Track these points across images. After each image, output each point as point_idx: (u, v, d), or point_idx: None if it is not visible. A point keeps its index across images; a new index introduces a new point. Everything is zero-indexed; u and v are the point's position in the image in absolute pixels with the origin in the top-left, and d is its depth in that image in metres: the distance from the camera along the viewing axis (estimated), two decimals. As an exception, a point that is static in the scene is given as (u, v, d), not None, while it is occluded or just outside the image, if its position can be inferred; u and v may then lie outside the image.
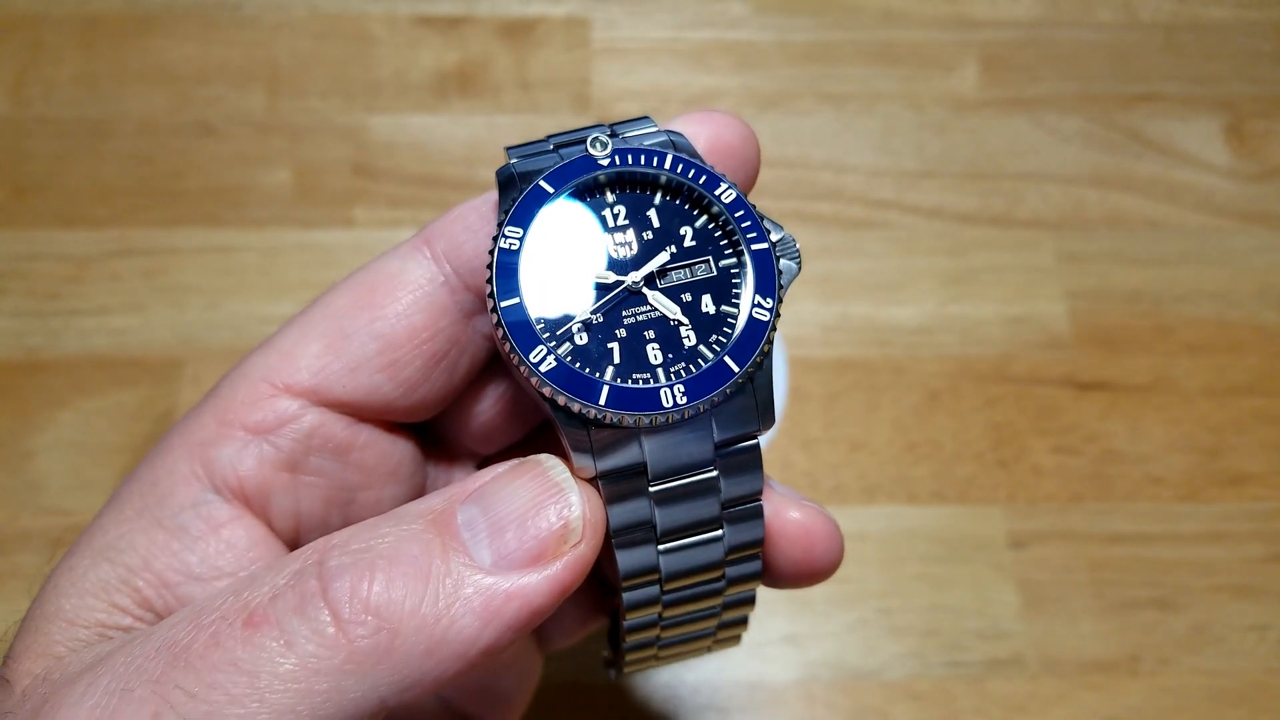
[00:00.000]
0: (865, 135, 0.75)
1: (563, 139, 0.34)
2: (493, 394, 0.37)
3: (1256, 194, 0.73)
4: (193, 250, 0.69)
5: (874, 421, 0.66)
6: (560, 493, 0.30)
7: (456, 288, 0.34)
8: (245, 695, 0.26)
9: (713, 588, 0.34)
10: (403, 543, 0.28)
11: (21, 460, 0.63)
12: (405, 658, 0.27)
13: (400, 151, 0.72)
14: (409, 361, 0.33)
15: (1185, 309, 0.69)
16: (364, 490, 0.35)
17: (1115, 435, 0.66)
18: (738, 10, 0.79)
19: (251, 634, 0.27)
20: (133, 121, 0.73)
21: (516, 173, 0.33)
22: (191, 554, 0.32)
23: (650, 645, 0.37)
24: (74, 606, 0.31)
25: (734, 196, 0.34)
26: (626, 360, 0.31)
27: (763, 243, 0.33)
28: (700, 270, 0.33)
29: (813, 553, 0.34)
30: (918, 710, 0.59)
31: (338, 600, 0.27)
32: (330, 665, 0.26)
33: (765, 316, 0.32)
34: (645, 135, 0.34)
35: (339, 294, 0.34)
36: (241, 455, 0.33)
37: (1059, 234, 0.72)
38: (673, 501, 0.32)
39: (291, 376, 0.33)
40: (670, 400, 0.30)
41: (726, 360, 0.31)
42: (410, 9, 0.77)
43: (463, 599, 0.28)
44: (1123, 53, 0.78)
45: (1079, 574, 0.62)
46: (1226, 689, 0.60)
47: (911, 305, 0.69)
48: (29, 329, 0.66)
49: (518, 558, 0.28)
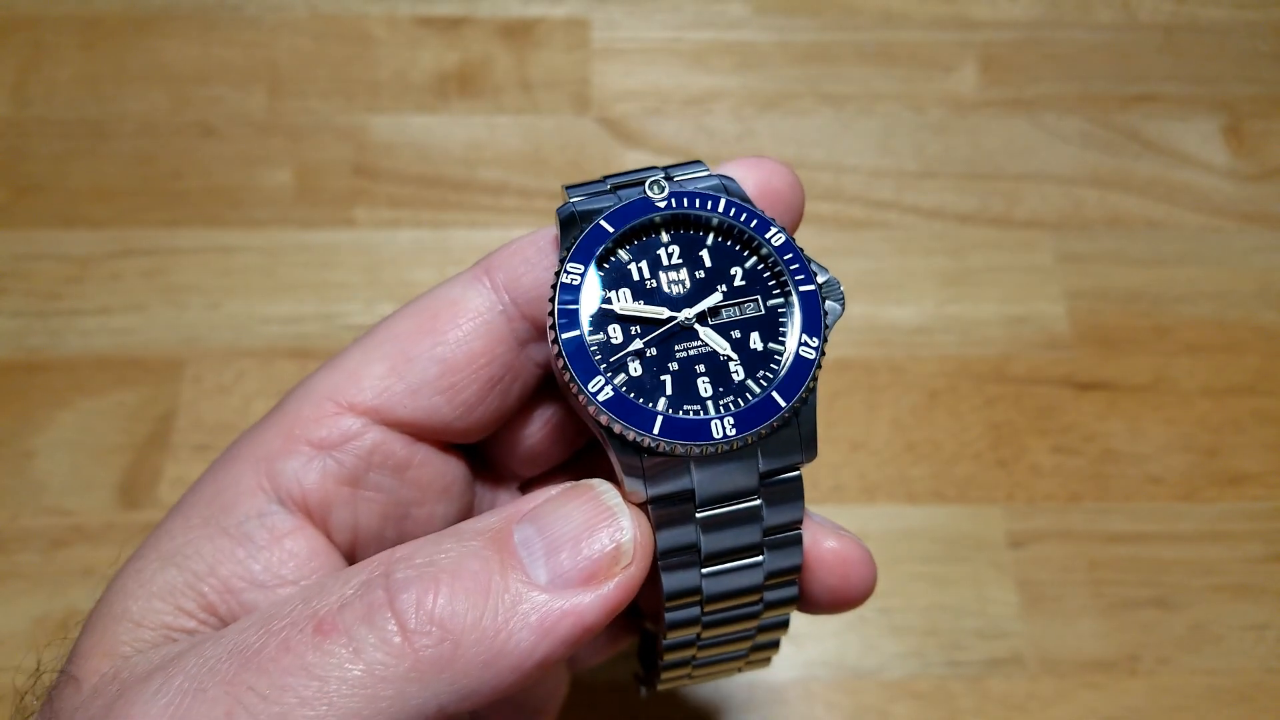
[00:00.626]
0: (865, 136, 0.75)
1: (620, 180, 0.36)
2: (539, 419, 0.39)
3: (1255, 194, 0.74)
4: (193, 250, 0.69)
5: (873, 421, 0.66)
6: (613, 516, 0.31)
7: (514, 316, 0.35)
8: (314, 699, 0.27)
9: (750, 611, 0.36)
10: (464, 559, 0.30)
11: (22, 460, 0.63)
12: (466, 668, 0.28)
13: (401, 152, 0.73)
14: (467, 385, 0.35)
15: (1184, 309, 0.70)
16: (418, 506, 0.37)
17: (1114, 435, 0.66)
18: (738, 11, 0.79)
19: (321, 641, 0.28)
20: (133, 122, 0.73)
21: (577, 212, 0.35)
22: (256, 562, 0.33)
23: (686, 664, 0.39)
24: (141, 609, 0.32)
25: (783, 240, 0.35)
26: (678, 392, 0.33)
27: (810, 284, 0.35)
28: (749, 309, 0.35)
29: (848, 581, 0.36)
30: (917, 709, 0.59)
31: (404, 611, 0.28)
32: (395, 673, 0.28)
33: (811, 355, 0.34)
34: (698, 179, 0.36)
35: (402, 318, 0.36)
36: (306, 469, 0.34)
37: (1058, 234, 0.72)
38: (718, 527, 0.33)
39: (355, 396, 0.35)
40: (721, 432, 0.32)
41: (774, 395, 0.33)
42: (410, 9, 0.77)
43: (520, 614, 0.29)
44: (1122, 53, 0.78)
45: (1078, 573, 0.62)
46: (1225, 688, 0.60)
47: (911, 305, 0.69)
48: (30, 329, 0.66)
49: (572, 577, 0.30)
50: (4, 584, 0.60)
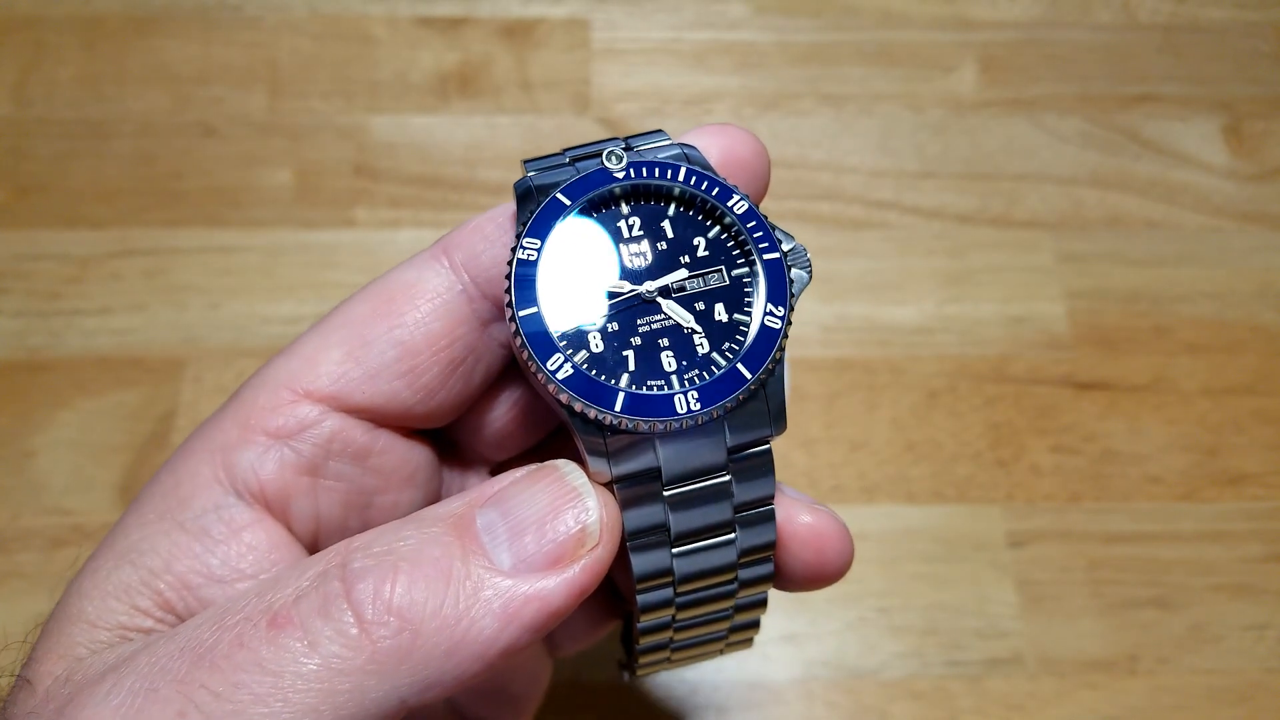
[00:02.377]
0: (865, 136, 0.75)
1: (578, 152, 0.35)
2: (506, 401, 0.38)
3: (1255, 194, 0.74)
4: (194, 250, 0.69)
5: (873, 421, 0.66)
6: (577, 497, 0.30)
7: (474, 296, 0.34)
8: (269, 695, 0.26)
9: (725, 590, 0.35)
10: (424, 545, 0.29)
11: (23, 460, 0.63)
12: (426, 658, 0.27)
13: (401, 152, 0.73)
14: (427, 368, 0.34)
15: (1184, 309, 0.70)
16: (382, 494, 0.36)
17: (1114, 435, 0.66)
18: (737, 11, 0.79)
19: (276, 634, 0.27)
20: (134, 122, 0.73)
21: (534, 186, 0.34)
22: (213, 556, 0.32)
23: (664, 648, 0.38)
24: (96, 609, 0.31)
25: (746, 207, 0.34)
26: (641, 367, 0.32)
27: (774, 252, 0.34)
28: (713, 279, 0.34)
29: (824, 556, 0.35)
30: (917, 709, 0.59)
31: (361, 601, 0.28)
32: (353, 665, 0.27)
33: (777, 325, 0.33)
34: (659, 148, 0.35)
35: (358, 302, 0.35)
36: (263, 460, 0.33)
37: (1058, 234, 0.72)
38: (686, 505, 0.32)
39: (312, 383, 0.34)
40: (684, 407, 0.31)
41: (739, 367, 0.32)
42: (411, 10, 0.77)
43: (483, 601, 0.28)
44: (1121, 53, 0.78)
45: (1078, 573, 0.62)
46: (1225, 688, 0.60)
47: (911, 305, 0.69)
48: (30, 329, 0.66)
49: (536, 561, 0.29)
50: (4, 584, 0.60)
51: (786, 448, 0.65)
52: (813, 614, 0.61)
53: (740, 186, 0.35)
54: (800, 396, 0.66)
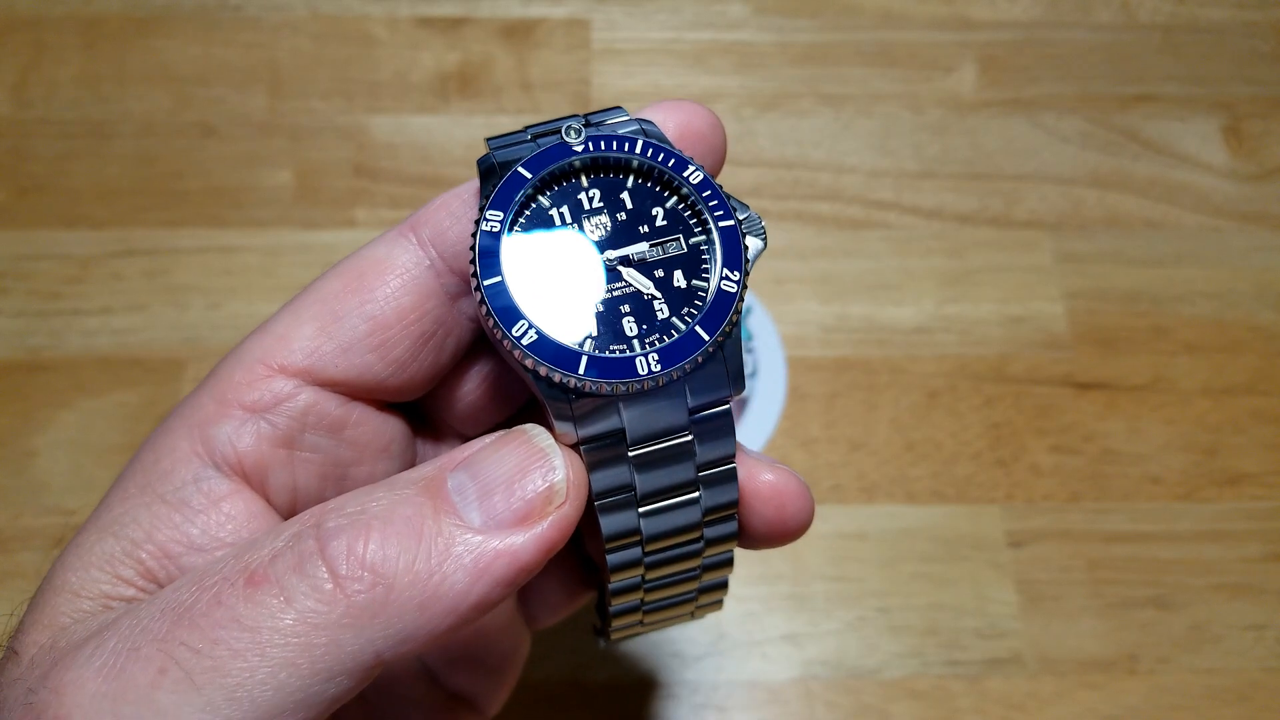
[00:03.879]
0: (864, 136, 0.75)
1: (539, 129, 0.36)
2: (476, 376, 0.39)
3: (1254, 194, 0.74)
4: (194, 250, 0.69)
5: (873, 421, 0.66)
6: (545, 457, 0.31)
7: (442, 271, 0.35)
8: (247, 650, 0.27)
9: (692, 549, 0.36)
10: (396, 505, 0.30)
11: (23, 460, 0.63)
12: (400, 612, 0.28)
13: (401, 152, 0.73)
14: (398, 341, 0.35)
15: (1183, 309, 0.70)
16: (357, 466, 0.37)
17: (1113, 435, 0.66)
18: (737, 11, 0.79)
19: (253, 592, 0.28)
20: (134, 122, 0.73)
21: (496, 162, 0.35)
22: (193, 526, 0.33)
23: (635, 610, 0.39)
24: (79, 579, 0.32)
25: (701, 178, 0.35)
26: (604, 333, 0.33)
27: (729, 220, 0.35)
28: (671, 247, 0.35)
29: (785, 512, 0.36)
30: (916, 709, 0.59)
31: (335, 558, 0.28)
32: (328, 619, 0.28)
33: (733, 288, 0.34)
34: (618, 124, 0.36)
35: (329, 279, 0.35)
36: (239, 432, 0.34)
37: (1057, 234, 0.72)
38: (651, 466, 0.33)
39: (286, 358, 0.34)
40: (645, 369, 0.32)
41: (698, 330, 0.33)
42: (411, 10, 0.78)
43: (454, 556, 0.29)
44: (1121, 53, 0.78)
45: (1077, 573, 0.62)
46: (1224, 688, 0.60)
47: (910, 305, 0.69)
48: (31, 329, 0.66)
49: (506, 518, 0.30)
50: (5, 583, 0.60)
51: (786, 448, 0.65)
52: (813, 614, 0.61)
53: (697, 159, 0.36)
54: (800, 396, 0.66)
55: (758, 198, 0.72)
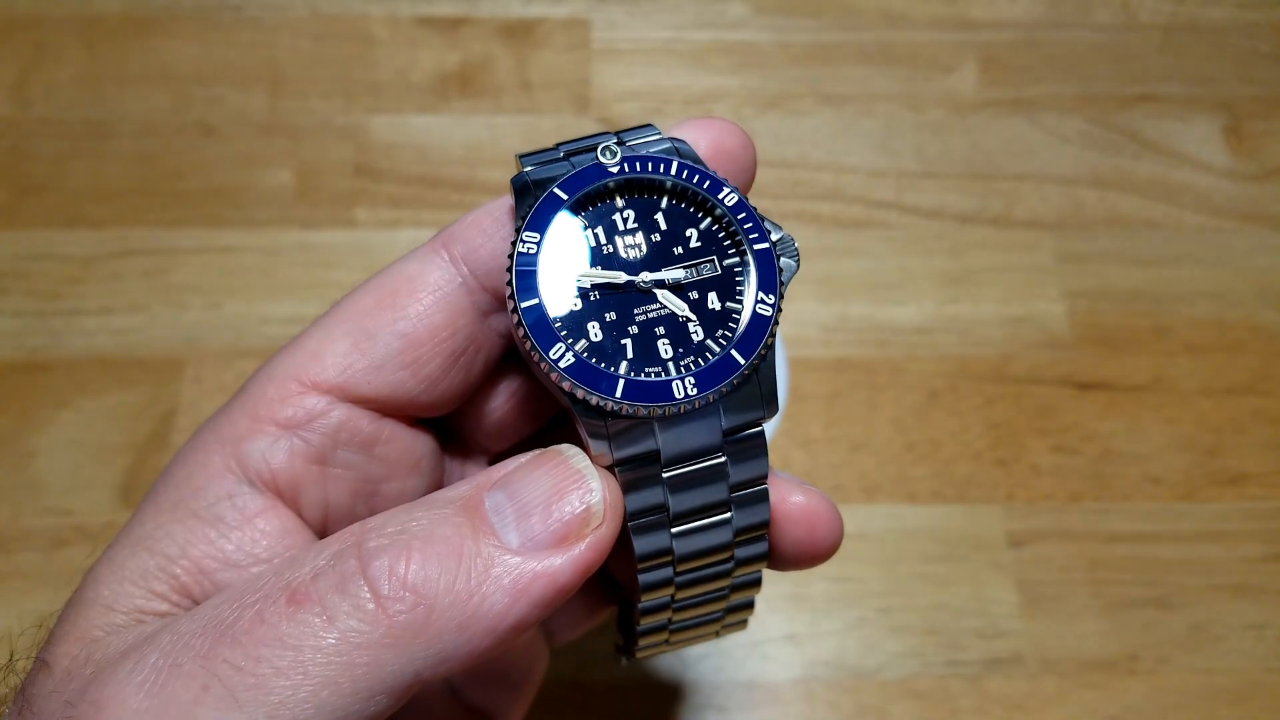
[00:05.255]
0: (865, 136, 0.75)
1: (572, 147, 0.36)
2: (504, 392, 0.39)
3: (1255, 194, 0.74)
4: (194, 250, 0.69)
5: (874, 421, 0.66)
6: (582, 479, 0.31)
7: (474, 289, 0.35)
8: (290, 668, 0.27)
9: (722, 569, 0.36)
10: (435, 526, 0.30)
11: (23, 460, 0.63)
12: (440, 632, 0.28)
13: (401, 152, 0.73)
14: (430, 359, 0.35)
15: (1184, 309, 0.70)
16: (387, 482, 0.37)
17: (1114, 435, 0.66)
18: (738, 11, 0.79)
19: (295, 610, 0.28)
20: (134, 122, 0.73)
21: (531, 180, 0.35)
22: (228, 542, 0.33)
23: (663, 629, 0.39)
24: (113, 593, 0.32)
25: (736, 199, 0.35)
26: (639, 355, 0.33)
27: (764, 242, 0.35)
28: (706, 269, 0.35)
29: (815, 534, 0.36)
30: (917, 709, 0.59)
31: (377, 578, 0.28)
32: (370, 639, 0.28)
33: (768, 312, 0.34)
34: (650, 142, 0.36)
35: (362, 296, 0.35)
36: (273, 449, 0.34)
37: (1058, 234, 0.72)
38: (685, 487, 0.34)
39: (319, 375, 0.35)
40: (682, 392, 0.32)
41: (733, 353, 0.33)
42: (411, 10, 0.77)
43: (493, 578, 0.29)
44: (1121, 53, 0.78)
45: (1078, 573, 0.62)
46: (1225, 688, 0.60)
47: (911, 305, 0.69)
48: (31, 329, 0.66)
49: (544, 540, 0.30)
50: (4, 584, 0.60)
51: (787, 447, 0.65)
52: (813, 614, 0.61)
53: (728, 178, 0.36)
54: (800, 396, 0.66)
55: (758, 198, 0.72)
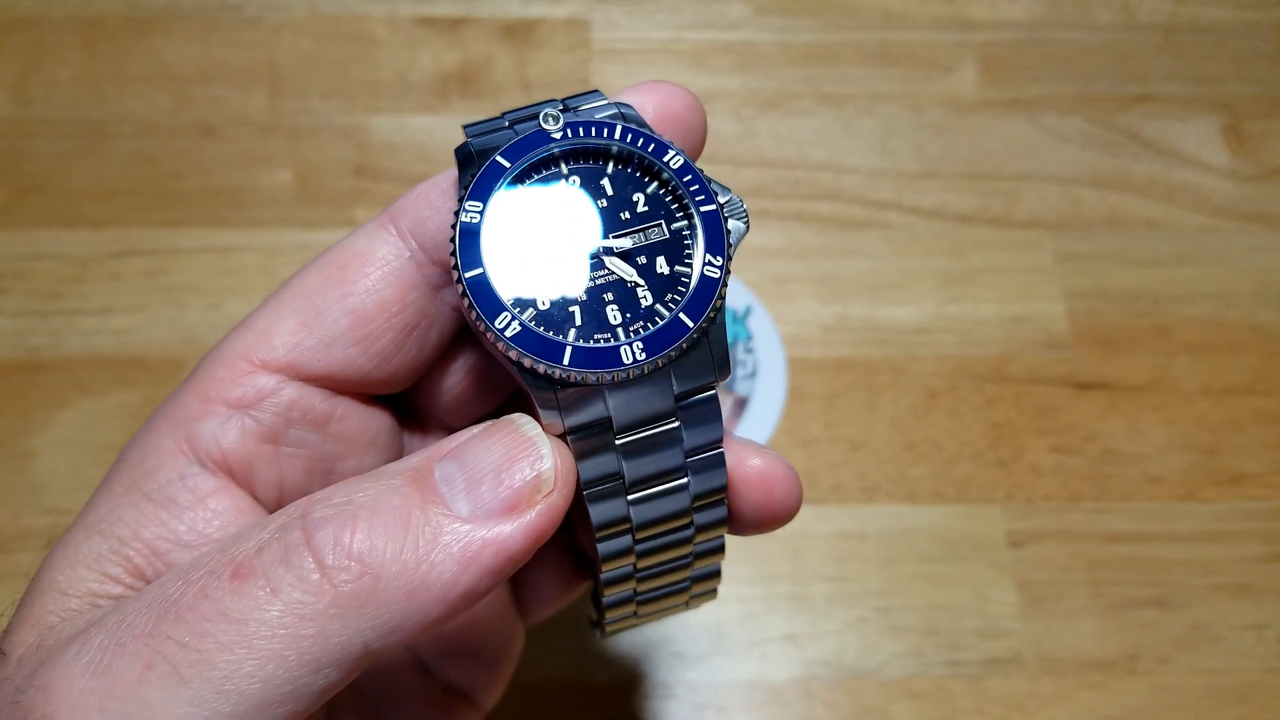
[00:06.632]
0: (865, 136, 0.75)
1: (517, 115, 0.35)
2: (461, 367, 0.39)
3: (1255, 194, 0.74)
4: (194, 250, 0.69)
5: (873, 421, 0.66)
6: (532, 446, 0.31)
7: (423, 262, 0.35)
8: (234, 642, 0.27)
9: (682, 535, 0.36)
10: (383, 495, 0.29)
11: (23, 459, 0.63)
12: (387, 601, 0.28)
13: (401, 152, 0.73)
14: (381, 334, 0.35)
15: (1184, 309, 0.70)
16: (343, 460, 0.37)
17: (1114, 435, 0.66)
18: (738, 11, 0.79)
19: (239, 584, 0.28)
20: (134, 122, 0.73)
21: (474, 150, 0.35)
22: (180, 523, 0.33)
23: (629, 601, 0.38)
24: (66, 578, 0.32)
25: (682, 162, 0.35)
26: (587, 322, 0.33)
27: (710, 204, 0.35)
28: (653, 234, 0.34)
29: (773, 497, 0.35)
30: (917, 709, 0.59)
31: (321, 548, 0.28)
32: (315, 610, 0.27)
33: (716, 274, 0.34)
34: (596, 108, 0.36)
35: (310, 273, 0.35)
36: (224, 429, 0.34)
37: (1058, 234, 0.72)
38: (639, 453, 0.33)
39: (268, 353, 0.34)
40: (630, 357, 0.32)
41: (682, 316, 0.33)
42: (411, 10, 0.77)
43: (441, 545, 0.29)
44: (1121, 53, 0.78)
45: (1077, 573, 0.62)
46: (1225, 688, 0.60)
47: (911, 305, 0.69)
48: (31, 329, 0.66)
49: (494, 507, 0.30)
50: (5, 584, 0.60)
51: (787, 448, 0.65)
52: (813, 614, 0.61)
53: (676, 142, 0.36)
54: (800, 396, 0.66)
55: (758, 198, 0.72)
